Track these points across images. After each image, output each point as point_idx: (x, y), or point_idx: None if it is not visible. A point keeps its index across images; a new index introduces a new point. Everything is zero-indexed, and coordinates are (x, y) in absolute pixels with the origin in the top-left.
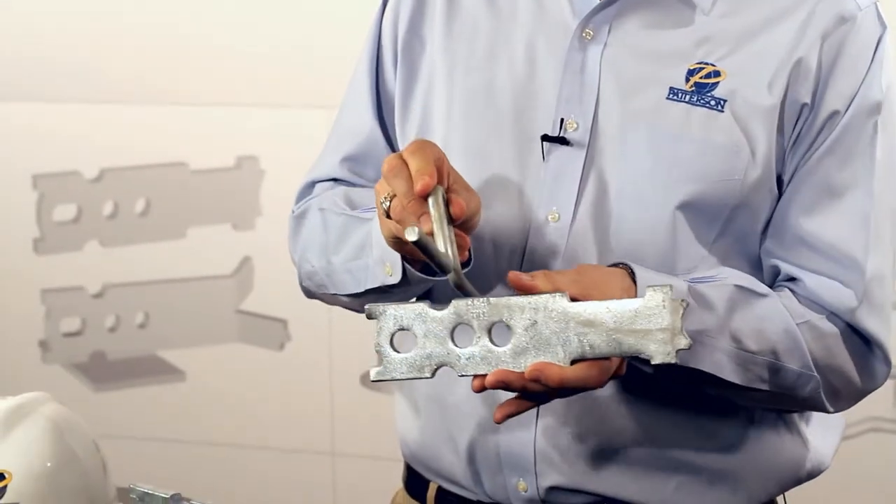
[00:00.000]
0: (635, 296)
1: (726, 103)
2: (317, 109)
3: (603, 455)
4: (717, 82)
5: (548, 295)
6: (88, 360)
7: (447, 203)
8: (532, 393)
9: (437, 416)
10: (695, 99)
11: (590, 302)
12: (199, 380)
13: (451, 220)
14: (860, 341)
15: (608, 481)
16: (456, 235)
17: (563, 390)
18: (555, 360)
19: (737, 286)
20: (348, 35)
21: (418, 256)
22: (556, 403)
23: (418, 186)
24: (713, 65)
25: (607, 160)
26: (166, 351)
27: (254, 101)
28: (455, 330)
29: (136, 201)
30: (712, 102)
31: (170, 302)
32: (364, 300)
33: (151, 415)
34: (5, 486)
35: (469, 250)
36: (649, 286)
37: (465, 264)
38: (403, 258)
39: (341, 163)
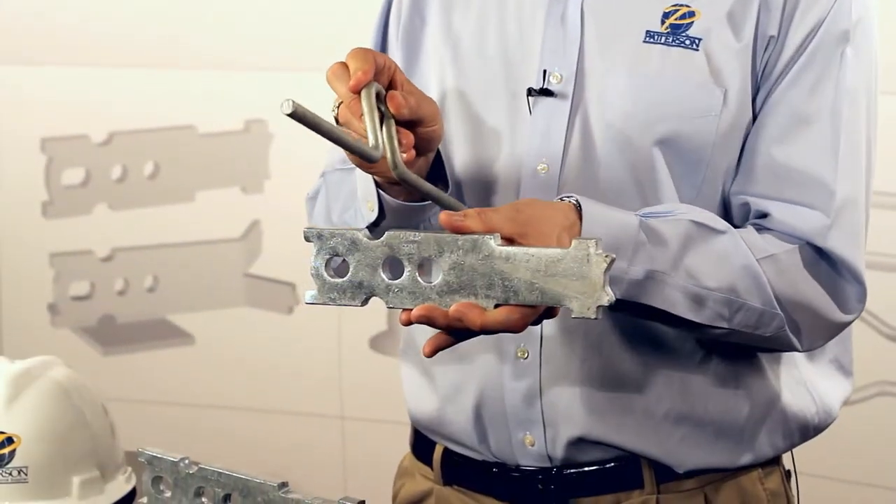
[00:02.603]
0: (579, 233)
1: (701, 42)
2: (325, 72)
3: (608, 404)
4: (692, 22)
5: (478, 236)
6: (97, 323)
7: (382, 99)
8: (457, 330)
9: (443, 378)
10: (670, 40)
11: (515, 247)
12: (207, 343)
13: (393, 117)
14: (829, 268)
15: (614, 430)
16: (400, 134)
17: (485, 331)
18: (478, 301)
19: (693, 221)
20: None
21: (364, 167)
22: (560, 352)
23: (351, 83)
24: (687, 5)
25: (591, 108)
26: (175, 314)
27: (262, 64)
28: (389, 261)
29: (145, 165)
30: (687, 42)
31: (178, 265)
32: None
33: (160, 378)
34: (14, 450)
35: (447, 178)
36: (576, 238)
37: (436, 180)
38: (377, 185)
39: None
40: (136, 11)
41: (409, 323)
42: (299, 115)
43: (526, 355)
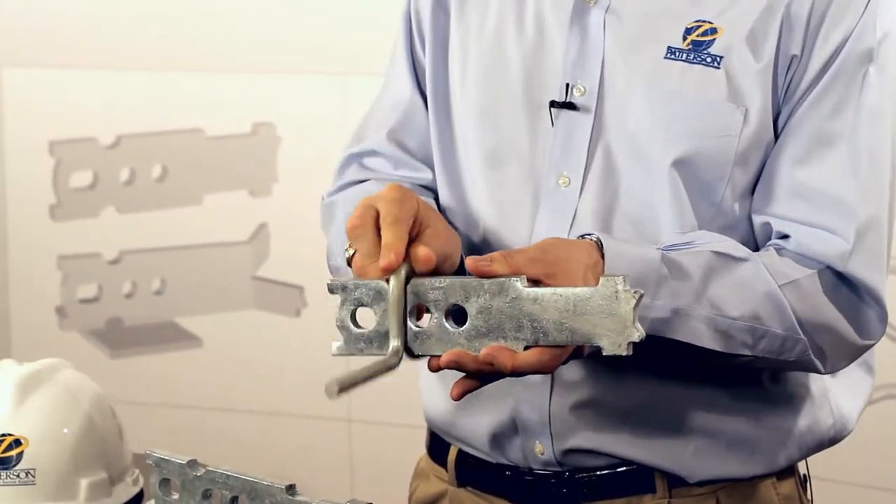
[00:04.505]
0: (602, 270)
1: (722, 60)
2: (333, 76)
3: (619, 417)
4: (714, 39)
5: (504, 278)
6: (105, 326)
7: (409, 277)
8: (486, 374)
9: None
10: (692, 57)
11: (542, 288)
12: (215, 346)
13: (407, 305)
14: (850, 293)
15: (624, 443)
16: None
17: (516, 374)
18: (508, 344)
19: (714, 252)
20: (365, 1)
21: None
22: (572, 366)
23: (382, 263)
24: (710, 22)
25: (613, 123)
26: (182, 317)
27: (270, 67)
28: (415, 309)
29: (153, 168)
30: (708, 59)
31: (186, 268)
32: None
33: (168, 381)
34: (22, 452)
35: (461, 256)
36: (603, 276)
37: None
38: None
39: (388, 137)
40: (143, 14)
41: (438, 369)
42: (345, 388)
43: None
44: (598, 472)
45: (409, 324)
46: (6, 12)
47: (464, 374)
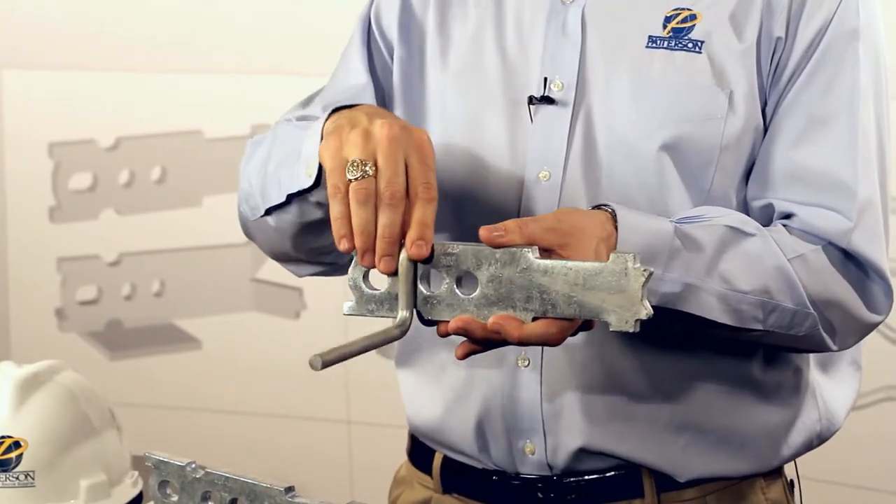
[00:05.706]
0: (615, 243)
1: (703, 44)
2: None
3: (609, 410)
4: (694, 25)
5: (516, 249)
6: (104, 328)
7: (417, 264)
8: (492, 342)
9: (445, 386)
10: (673, 44)
11: (553, 260)
12: (214, 348)
13: (418, 271)
14: (857, 269)
15: (614, 438)
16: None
17: (523, 344)
18: (516, 314)
19: (727, 226)
20: (365, 2)
21: None
22: (560, 361)
23: (413, 251)
24: (689, 8)
25: (594, 115)
26: (182, 319)
27: (270, 68)
28: (428, 273)
29: (152, 170)
30: (690, 45)
31: (185, 270)
32: (285, 218)
33: (167, 383)
34: (21, 454)
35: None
36: (614, 252)
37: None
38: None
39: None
40: (142, 16)
41: (446, 334)
42: (331, 362)
43: (527, 363)
44: (587, 477)
45: (420, 288)
46: (6, 13)
47: (468, 339)
